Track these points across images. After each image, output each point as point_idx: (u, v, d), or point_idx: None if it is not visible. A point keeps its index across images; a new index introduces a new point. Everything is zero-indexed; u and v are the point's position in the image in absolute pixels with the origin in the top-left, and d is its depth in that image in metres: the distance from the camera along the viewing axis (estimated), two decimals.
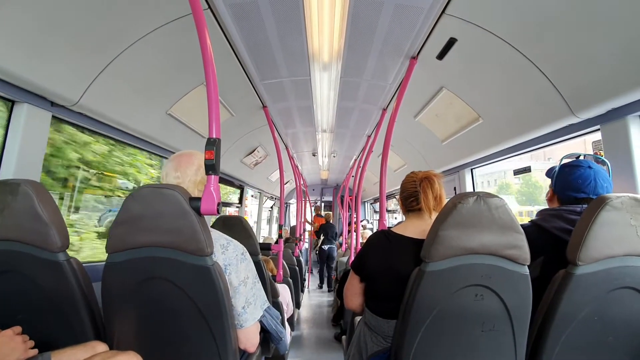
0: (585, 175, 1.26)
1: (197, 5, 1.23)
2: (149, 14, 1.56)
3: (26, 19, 1.24)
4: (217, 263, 1.08)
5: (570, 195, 1.28)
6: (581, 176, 1.26)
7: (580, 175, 1.26)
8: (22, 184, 1.08)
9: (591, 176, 1.25)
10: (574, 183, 1.27)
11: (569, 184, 1.29)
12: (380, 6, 1.68)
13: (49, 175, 2.06)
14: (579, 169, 1.28)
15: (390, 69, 2.35)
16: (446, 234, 1.08)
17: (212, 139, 1.14)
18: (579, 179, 1.26)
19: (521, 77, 1.75)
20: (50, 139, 1.68)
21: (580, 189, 1.26)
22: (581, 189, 1.25)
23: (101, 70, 1.61)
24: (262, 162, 4.60)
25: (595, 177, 1.25)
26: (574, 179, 1.27)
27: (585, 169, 1.27)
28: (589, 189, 1.24)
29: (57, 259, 1.10)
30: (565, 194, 1.30)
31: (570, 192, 1.28)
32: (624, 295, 1.11)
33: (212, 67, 1.21)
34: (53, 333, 1.12)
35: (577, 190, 1.26)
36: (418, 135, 3.28)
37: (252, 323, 1.18)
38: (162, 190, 1.04)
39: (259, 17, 1.78)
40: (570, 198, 1.29)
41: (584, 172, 1.26)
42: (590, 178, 1.25)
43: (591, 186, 1.24)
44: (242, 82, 2.51)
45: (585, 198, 1.25)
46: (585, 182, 1.25)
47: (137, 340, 1.12)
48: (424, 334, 1.11)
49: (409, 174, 1.46)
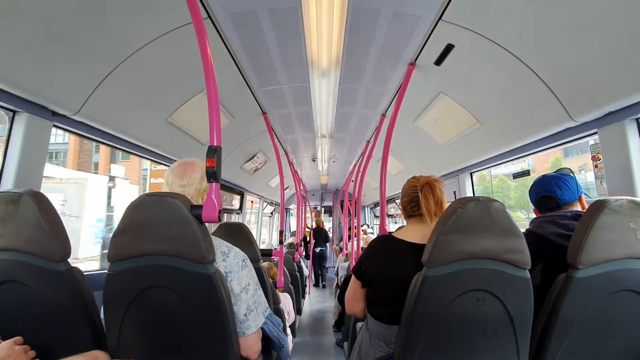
0: (538, 180, 1.51)
1: (197, 14, 1.24)
2: (148, 24, 1.58)
3: (27, 29, 1.25)
4: (219, 271, 1.08)
5: (532, 200, 1.53)
6: (535, 184, 1.52)
7: (535, 183, 1.52)
8: (23, 194, 1.08)
9: (542, 180, 1.49)
10: (532, 190, 1.52)
11: (530, 193, 1.54)
12: (378, 13, 1.70)
13: None
14: (535, 180, 1.54)
15: (388, 75, 2.37)
16: (447, 239, 1.09)
17: (213, 146, 1.14)
18: (535, 185, 1.52)
19: (518, 82, 1.77)
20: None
21: (535, 192, 1.50)
22: (535, 192, 1.50)
23: (102, 80, 1.63)
24: (261, 168, 4.61)
25: (545, 179, 1.48)
26: (533, 187, 1.53)
27: (539, 178, 1.52)
28: (539, 189, 1.47)
29: (58, 268, 1.09)
30: (534, 202, 1.53)
31: (532, 198, 1.53)
32: (624, 298, 1.12)
33: (213, 75, 1.22)
34: (54, 343, 1.11)
35: (533, 194, 1.51)
36: (417, 140, 3.29)
37: (254, 330, 1.18)
38: (164, 199, 1.05)
39: (258, 25, 1.80)
40: (533, 202, 1.53)
41: (537, 181, 1.52)
42: (541, 181, 1.49)
43: (541, 187, 1.47)
44: (242, 89, 2.53)
45: (542, 197, 1.46)
46: (538, 187, 1.49)
47: (138, 349, 1.12)
48: (426, 339, 1.10)
49: (410, 179, 1.47)
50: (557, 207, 1.41)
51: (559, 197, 1.41)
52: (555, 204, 1.41)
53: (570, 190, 1.41)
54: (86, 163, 14.23)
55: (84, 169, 13.89)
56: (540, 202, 1.47)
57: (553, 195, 1.42)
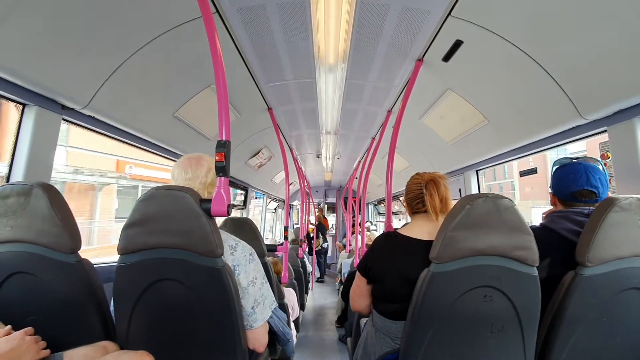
0: (575, 169, 1.29)
1: (207, 9, 1.24)
2: (156, 19, 1.58)
3: (37, 23, 1.26)
4: (227, 264, 1.09)
5: (566, 191, 1.31)
6: (572, 171, 1.30)
7: (572, 170, 1.30)
8: (34, 186, 1.09)
9: (581, 169, 1.28)
10: (566, 179, 1.31)
11: (562, 182, 1.33)
12: (387, 9, 1.69)
13: None
14: (568, 166, 1.33)
15: (395, 71, 2.36)
16: (455, 235, 1.08)
17: (222, 141, 1.15)
18: (570, 173, 1.30)
19: (527, 79, 1.75)
20: None
21: (573, 182, 1.29)
22: (573, 181, 1.29)
23: (111, 74, 1.63)
24: (266, 163, 4.62)
25: (585, 170, 1.28)
26: (566, 174, 1.32)
27: (574, 165, 1.32)
28: (581, 181, 1.27)
29: (69, 260, 1.11)
30: (561, 192, 1.33)
31: (565, 189, 1.31)
32: (632, 297, 1.11)
33: (222, 70, 1.22)
34: (64, 333, 1.12)
35: (571, 184, 1.29)
36: (423, 137, 3.28)
37: (261, 323, 1.19)
38: (174, 192, 1.05)
39: (266, 20, 1.79)
40: (566, 194, 1.32)
41: (573, 167, 1.31)
42: (580, 171, 1.28)
43: (583, 178, 1.27)
44: (248, 84, 2.53)
45: (580, 190, 1.27)
46: (576, 175, 1.28)
47: (147, 340, 1.13)
48: (433, 335, 1.11)
49: (414, 176, 1.46)
50: (594, 203, 1.26)
51: (600, 194, 1.26)
52: (594, 200, 1.26)
53: (606, 187, 1.28)
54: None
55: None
56: (576, 195, 1.28)
57: (596, 190, 1.25)
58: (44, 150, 1.55)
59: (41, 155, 1.54)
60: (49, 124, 1.56)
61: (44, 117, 1.52)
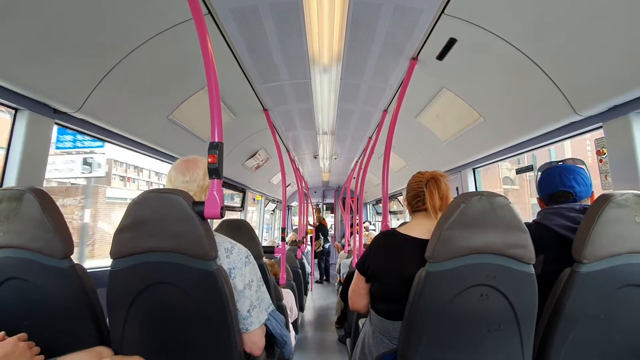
0: (550, 172, 1.41)
1: (197, 10, 1.23)
2: (149, 21, 1.57)
3: (28, 27, 1.24)
4: (222, 267, 1.08)
5: (545, 195, 1.42)
6: (548, 174, 1.41)
7: (548, 174, 1.42)
8: (26, 191, 1.08)
9: (555, 172, 1.39)
10: (543, 183, 1.43)
11: (540, 185, 1.45)
12: (380, 7, 1.68)
13: None
14: (546, 171, 1.44)
15: (390, 70, 2.35)
16: (450, 234, 1.08)
17: (215, 142, 1.14)
18: (547, 177, 1.42)
19: (522, 76, 1.75)
20: None
21: (549, 185, 1.39)
22: (549, 185, 1.39)
23: (103, 77, 1.62)
24: (263, 165, 4.60)
25: (559, 172, 1.37)
26: (543, 179, 1.44)
27: (551, 168, 1.43)
28: (555, 182, 1.37)
29: (61, 265, 1.09)
30: (542, 195, 1.45)
31: (543, 192, 1.43)
32: (629, 293, 1.11)
33: (214, 71, 1.21)
34: (58, 339, 1.11)
35: (547, 187, 1.40)
36: (419, 136, 3.27)
37: (257, 326, 1.18)
38: (166, 195, 1.04)
39: (258, 21, 1.78)
40: (545, 197, 1.42)
41: (549, 171, 1.43)
42: (554, 174, 1.39)
43: (556, 180, 1.37)
44: (243, 85, 2.52)
45: (556, 192, 1.36)
46: (551, 178, 1.39)
47: (142, 345, 1.12)
48: (430, 335, 1.10)
49: (415, 174, 1.46)
50: (572, 203, 1.32)
51: (577, 193, 1.31)
52: (571, 200, 1.32)
53: (586, 185, 1.33)
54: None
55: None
56: (554, 197, 1.37)
57: (571, 190, 1.32)
58: (37, 155, 1.54)
59: (34, 160, 1.53)
60: (41, 128, 1.55)
61: (36, 122, 1.51)
